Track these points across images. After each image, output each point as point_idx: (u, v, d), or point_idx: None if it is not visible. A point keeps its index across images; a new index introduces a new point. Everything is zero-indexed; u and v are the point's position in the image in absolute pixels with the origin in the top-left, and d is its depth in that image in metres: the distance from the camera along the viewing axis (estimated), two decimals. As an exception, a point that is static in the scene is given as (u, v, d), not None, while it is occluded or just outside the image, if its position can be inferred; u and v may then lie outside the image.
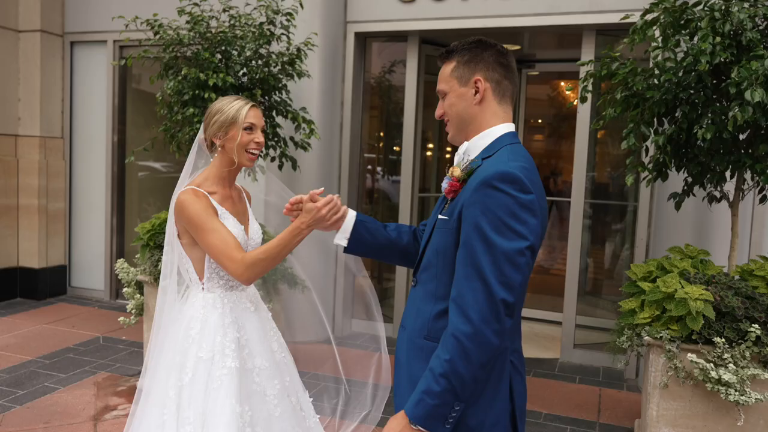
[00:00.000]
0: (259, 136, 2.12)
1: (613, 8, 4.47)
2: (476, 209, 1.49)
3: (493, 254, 1.46)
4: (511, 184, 1.48)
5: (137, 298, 3.95)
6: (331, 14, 5.07)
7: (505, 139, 1.64)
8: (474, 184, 1.52)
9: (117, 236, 6.28)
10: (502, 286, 1.45)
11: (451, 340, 1.47)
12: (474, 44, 1.67)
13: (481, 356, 1.46)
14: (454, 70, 1.68)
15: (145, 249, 3.94)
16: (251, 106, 2.11)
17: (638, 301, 3.08)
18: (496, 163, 1.54)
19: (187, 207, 2.02)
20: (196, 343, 2.02)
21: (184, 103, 3.83)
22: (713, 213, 3.91)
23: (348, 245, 1.94)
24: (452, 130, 1.71)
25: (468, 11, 4.87)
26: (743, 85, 2.52)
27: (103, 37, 6.11)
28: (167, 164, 6.39)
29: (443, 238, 1.61)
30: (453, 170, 1.65)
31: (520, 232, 1.47)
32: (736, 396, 2.70)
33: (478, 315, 1.45)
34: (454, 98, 1.68)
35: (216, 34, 3.86)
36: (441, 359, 1.48)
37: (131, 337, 5.01)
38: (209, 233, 1.99)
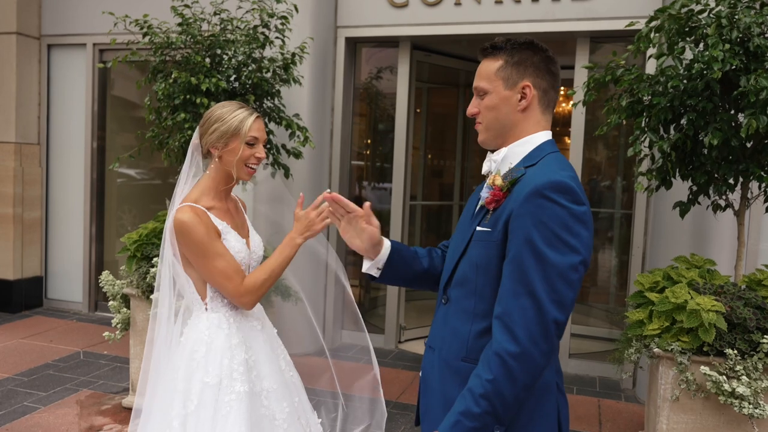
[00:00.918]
0: (260, 150, 2.00)
1: (608, 15, 4.46)
2: (527, 221, 1.39)
3: (545, 270, 1.36)
4: (564, 195, 1.38)
5: (123, 311, 3.78)
6: (321, 19, 4.97)
7: (546, 147, 1.55)
8: (524, 193, 1.41)
9: (96, 245, 6.07)
10: (554, 304, 1.36)
11: (495, 359, 1.38)
12: (525, 45, 1.55)
13: (526, 378, 1.37)
14: (501, 69, 1.55)
15: (132, 260, 3.76)
16: (255, 118, 1.98)
17: (646, 312, 3.02)
18: (544, 172, 1.44)
19: (191, 231, 1.88)
20: (201, 367, 1.89)
21: (174, 108, 3.68)
22: (710, 221, 3.89)
23: (380, 276, 1.79)
24: (487, 133, 1.59)
25: (461, 17, 4.81)
26: (762, 94, 2.48)
27: (82, 40, 5.92)
28: (141, 171, 6.19)
29: (485, 250, 1.50)
30: (494, 178, 1.53)
31: (573, 245, 1.37)
32: (750, 409, 2.65)
33: (527, 334, 1.36)
34: (496, 100, 1.55)
35: (207, 38, 3.72)
36: (482, 379, 1.39)
37: (114, 352, 4.81)
38: (214, 259, 1.89)
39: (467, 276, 1.55)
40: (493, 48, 1.58)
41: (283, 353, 2.15)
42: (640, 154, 3.01)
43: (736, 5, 2.85)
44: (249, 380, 1.92)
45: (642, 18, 3.83)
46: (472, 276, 1.53)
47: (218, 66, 3.80)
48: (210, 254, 1.88)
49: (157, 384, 1.95)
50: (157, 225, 3.91)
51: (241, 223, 2.11)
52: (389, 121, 5.84)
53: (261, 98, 3.87)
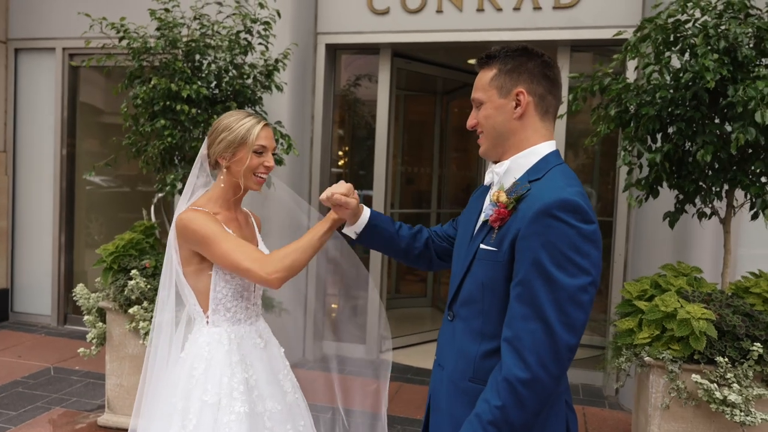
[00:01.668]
0: (269, 159, 1.94)
1: (589, 24, 4.49)
2: (535, 242, 1.35)
3: (554, 292, 1.32)
4: (573, 214, 1.34)
5: (99, 326, 3.63)
6: (301, 25, 4.90)
7: (551, 158, 1.50)
8: (531, 213, 1.37)
9: (65, 256, 5.87)
10: (565, 327, 1.32)
11: (504, 385, 1.34)
12: (518, 52, 1.53)
13: (536, 404, 1.34)
14: (495, 78, 1.53)
15: (108, 273, 3.63)
16: (263, 126, 1.93)
17: (635, 321, 3.02)
18: (552, 189, 1.40)
19: (191, 222, 1.83)
20: (200, 385, 1.80)
21: (153, 115, 3.57)
22: (691, 229, 3.93)
23: (357, 239, 1.90)
24: (486, 143, 1.57)
25: (442, 24, 4.80)
26: (750, 104, 2.50)
27: (52, 44, 5.73)
28: (107, 178, 6.01)
29: (491, 271, 1.46)
30: (498, 195, 1.48)
31: (583, 266, 1.33)
32: (742, 416, 2.66)
33: (537, 359, 1.32)
34: (491, 110, 1.53)
35: (187, 43, 3.62)
36: (490, 405, 1.35)
37: (86, 367, 4.63)
38: (222, 242, 1.79)
39: (473, 295, 1.51)
40: (488, 57, 1.56)
41: (289, 374, 2.06)
42: (630, 165, 3.01)
43: (721, 16, 2.88)
44: (250, 400, 1.84)
45: (622, 27, 3.88)
46: (479, 296, 1.49)
47: (198, 72, 3.70)
48: (219, 238, 1.80)
49: (155, 401, 1.86)
50: (134, 236, 3.79)
51: (249, 236, 2.04)
52: (369, 129, 5.80)
53: (243, 105, 3.78)
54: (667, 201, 3.39)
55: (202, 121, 3.55)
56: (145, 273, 3.54)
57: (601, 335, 5.41)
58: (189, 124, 3.56)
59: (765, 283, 3.00)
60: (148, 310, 3.40)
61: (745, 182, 2.86)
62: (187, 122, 3.54)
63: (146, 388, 1.92)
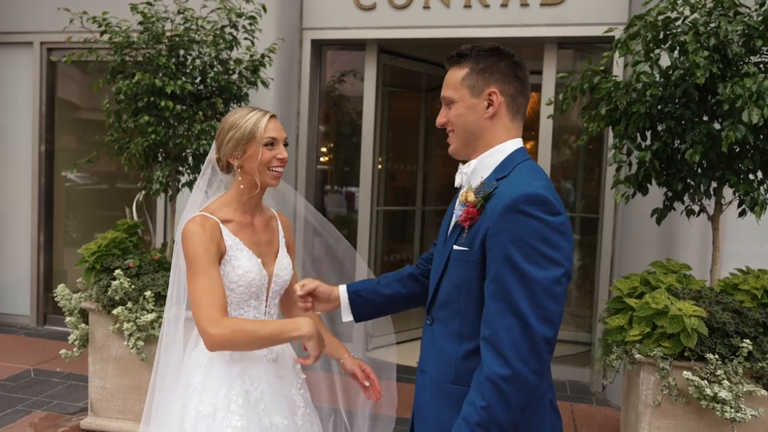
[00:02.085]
0: (281, 150, 1.84)
1: (576, 22, 4.49)
2: (504, 238, 1.36)
3: (527, 287, 1.33)
4: (540, 206, 1.35)
5: (81, 327, 3.55)
6: (286, 20, 4.84)
7: (517, 155, 1.52)
8: (498, 209, 1.38)
9: (45, 254, 5.74)
10: (541, 320, 1.32)
11: (487, 384, 1.33)
12: (490, 52, 1.54)
13: (521, 400, 1.33)
14: (467, 77, 1.53)
15: (91, 273, 3.55)
16: (270, 118, 1.85)
17: (626, 318, 3.03)
18: (517, 184, 1.41)
19: (187, 240, 1.75)
20: (197, 395, 1.74)
21: (136, 111, 3.49)
22: (678, 226, 3.95)
23: (355, 318, 1.87)
24: (456, 142, 1.57)
25: (429, 20, 4.77)
26: (738, 102, 2.50)
27: (29, 38, 5.59)
28: (83, 175, 5.88)
29: (465, 272, 1.47)
30: (466, 195, 1.49)
31: (554, 258, 1.34)
32: (732, 413, 2.67)
33: (516, 355, 1.32)
34: (463, 109, 1.54)
35: (171, 38, 3.54)
36: (476, 406, 1.34)
37: (67, 369, 4.53)
38: (198, 275, 1.71)
39: (450, 297, 1.52)
40: (459, 56, 1.56)
41: (303, 388, 1.97)
42: (621, 163, 3.01)
43: (711, 13, 2.88)
44: (255, 414, 1.76)
45: (609, 25, 3.88)
46: (455, 296, 1.50)
47: (182, 67, 3.62)
48: (197, 269, 1.72)
49: (161, 409, 1.80)
50: (117, 235, 3.71)
51: (266, 241, 1.93)
52: (354, 125, 5.76)
53: (228, 101, 3.71)
54: (654, 198, 3.39)
55: (187, 117, 3.48)
56: (129, 273, 3.46)
57: (586, 331, 5.44)
58: (173, 120, 3.48)
59: (753, 280, 3.02)
60: (132, 311, 3.33)
61: (733, 180, 2.88)
62: (171, 119, 3.46)
63: (155, 395, 1.85)
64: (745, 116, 2.48)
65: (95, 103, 5.54)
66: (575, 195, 5.94)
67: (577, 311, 5.80)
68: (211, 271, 1.74)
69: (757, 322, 2.81)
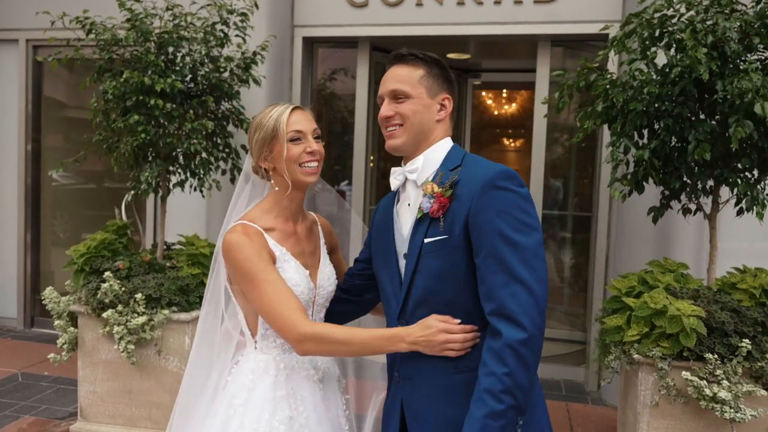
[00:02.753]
0: (311, 143, 1.71)
1: (570, 19, 4.47)
2: (490, 213, 1.46)
3: (520, 253, 1.44)
4: (512, 180, 1.49)
5: (70, 331, 3.47)
6: (277, 17, 4.77)
7: (458, 149, 1.65)
8: (476, 189, 1.49)
9: (32, 255, 5.64)
10: (538, 282, 1.44)
11: (507, 351, 1.40)
12: (438, 61, 1.65)
13: (535, 360, 1.43)
14: (424, 78, 1.62)
15: (80, 275, 3.47)
16: (292, 110, 1.71)
17: (624, 318, 3.00)
18: (482, 167, 1.54)
19: (234, 250, 1.62)
20: (238, 417, 1.63)
21: (125, 110, 3.42)
22: (673, 224, 3.94)
23: None
24: (405, 137, 1.62)
25: (422, 18, 4.72)
26: (747, 96, 2.48)
27: (14, 35, 5.49)
28: (68, 174, 5.77)
29: (447, 259, 1.52)
30: (432, 187, 1.56)
31: (532, 225, 1.48)
32: (732, 413, 2.66)
33: (528, 318, 1.41)
34: (420, 106, 1.61)
35: (160, 35, 3.47)
36: (498, 375, 1.40)
37: (56, 372, 4.45)
38: (261, 284, 1.59)
39: (432, 290, 1.54)
40: (412, 56, 1.64)
41: (348, 410, 1.87)
42: (618, 161, 2.98)
43: (707, 11, 2.86)
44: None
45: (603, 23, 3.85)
46: (438, 288, 1.53)
47: (172, 65, 3.55)
48: (259, 278, 1.59)
49: (194, 425, 1.71)
50: (107, 236, 3.63)
51: (310, 250, 1.81)
52: (346, 123, 5.70)
53: (219, 99, 3.65)
54: (649, 196, 3.37)
55: (177, 116, 3.41)
56: (119, 275, 3.39)
57: (580, 330, 5.43)
58: (163, 119, 3.41)
59: (751, 279, 3.01)
60: (123, 314, 3.26)
61: (733, 178, 2.86)
62: (161, 117, 3.40)
63: (182, 409, 1.77)
64: (758, 109, 2.45)
65: (82, 102, 5.44)
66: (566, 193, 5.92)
67: (571, 310, 5.78)
68: (272, 275, 1.61)
69: (756, 322, 2.80)
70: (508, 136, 8.23)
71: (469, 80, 6.38)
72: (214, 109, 3.67)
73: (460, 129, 6.41)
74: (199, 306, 3.42)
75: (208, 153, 3.53)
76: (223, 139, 3.71)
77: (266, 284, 1.59)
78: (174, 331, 3.38)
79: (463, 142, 6.37)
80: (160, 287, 3.33)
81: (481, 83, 6.80)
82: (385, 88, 1.64)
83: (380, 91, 1.67)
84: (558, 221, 5.88)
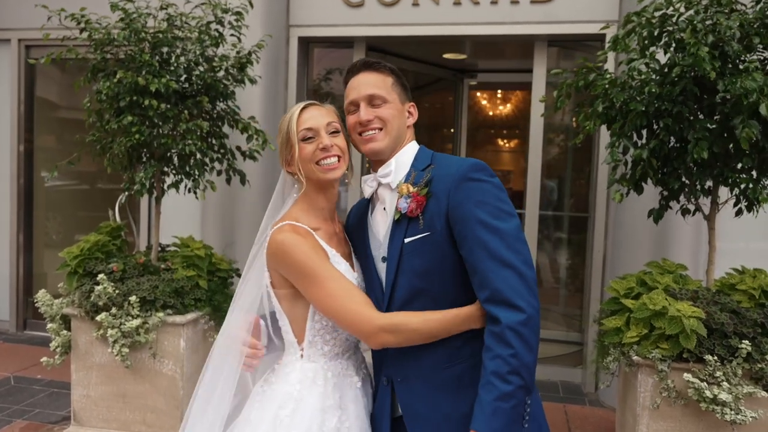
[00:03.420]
0: (323, 139, 1.63)
1: (566, 19, 4.45)
2: (468, 205, 1.51)
3: (504, 239, 1.48)
4: (483, 171, 1.55)
5: (63, 334, 3.43)
6: (272, 17, 4.74)
7: (425, 150, 1.71)
8: (451, 185, 1.53)
9: (24, 257, 5.59)
10: (525, 265, 1.49)
11: (509, 333, 1.43)
12: (398, 72, 1.73)
13: (536, 338, 1.47)
14: (395, 85, 1.70)
15: (73, 277, 3.43)
16: (302, 109, 1.67)
17: (623, 319, 2.98)
18: (454, 163, 1.59)
19: (291, 250, 1.56)
20: (284, 428, 1.57)
21: (119, 111, 3.37)
22: (671, 225, 3.92)
23: None
24: (386, 141, 1.65)
25: (419, 18, 4.70)
26: (752, 97, 2.46)
27: (6, 35, 5.44)
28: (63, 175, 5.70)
29: (430, 256, 1.55)
30: (407, 187, 1.60)
31: (509, 211, 1.53)
32: (732, 415, 2.64)
33: (523, 299, 1.45)
34: (396, 111, 1.67)
35: (154, 34, 3.43)
36: (503, 357, 1.43)
37: (49, 376, 4.40)
38: (325, 282, 1.53)
39: (417, 289, 1.57)
40: (379, 64, 1.70)
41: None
42: (617, 162, 2.96)
43: (707, 10, 2.85)
44: None
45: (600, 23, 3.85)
46: (425, 285, 1.57)
47: (166, 65, 3.51)
48: (321, 276, 1.54)
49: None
50: (100, 238, 3.59)
51: (348, 253, 1.76)
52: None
53: (214, 100, 3.61)
54: (647, 197, 3.36)
55: (172, 116, 3.37)
56: (113, 277, 3.35)
57: (577, 331, 5.41)
58: (158, 119, 3.37)
59: (750, 280, 3.00)
60: (117, 316, 3.22)
61: (733, 177, 2.84)
62: (155, 118, 3.35)
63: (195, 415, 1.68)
64: (763, 110, 2.43)
65: (76, 102, 5.40)
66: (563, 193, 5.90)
67: (568, 311, 5.77)
68: (333, 271, 1.56)
69: (756, 323, 2.78)
70: (504, 137, 8.21)
71: (465, 80, 6.36)
72: (209, 110, 3.64)
73: (456, 129, 6.39)
74: (194, 308, 3.40)
75: (203, 154, 3.49)
76: (218, 140, 3.68)
77: (330, 281, 1.54)
78: (169, 334, 3.33)
79: (458, 142, 6.35)
80: (154, 289, 3.29)
81: (477, 83, 6.78)
82: (360, 93, 1.67)
83: (353, 96, 1.68)
84: (554, 222, 5.87)
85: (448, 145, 6.61)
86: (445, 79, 6.31)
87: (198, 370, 3.48)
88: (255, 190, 4.56)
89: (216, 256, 3.71)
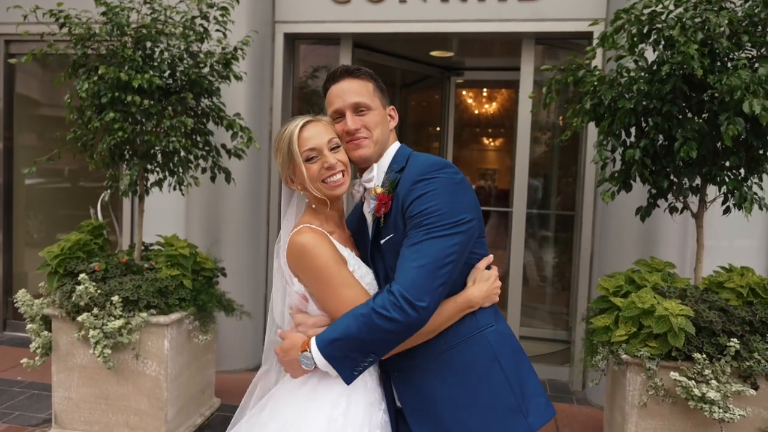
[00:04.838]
0: (326, 158, 1.62)
1: (554, 17, 4.44)
2: (411, 208, 1.55)
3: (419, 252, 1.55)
4: (443, 170, 1.58)
5: (44, 335, 3.35)
6: (258, 13, 4.68)
7: (404, 149, 1.73)
8: (406, 186, 1.57)
9: (4, 256, 5.48)
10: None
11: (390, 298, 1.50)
12: (377, 76, 1.76)
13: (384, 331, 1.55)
14: (376, 90, 1.72)
15: (53, 277, 3.35)
16: (302, 126, 1.64)
17: (611, 318, 2.98)
18: (418, 164, 1.62)
19: (312, 253, 1.56)
20: (338, 427, 1.56)
21: (101, 107, 3.30)
22: (658, 223, 3.93)
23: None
24: (373, 147, 1.68)
25: (406, 14, 4.66)
26: (737, 94, 2.45)
27: (-15, 30, 5.31)
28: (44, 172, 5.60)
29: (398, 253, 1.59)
30: (375, 189, 1.64)
31: (452, 220, 1.55)
32: (720, 413, 2.64)
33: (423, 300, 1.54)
34: (380, 118, 1.70)
35: (137, 29, 3.36)
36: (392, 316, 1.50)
37: (29, 377, 4.31)
38: (340, 289, 1.55)
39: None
40: (359, 70, 1.73)
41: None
42: (605, 160, 2.95)
43: (696, 7, 2.84)
44: None
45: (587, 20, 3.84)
46: None
47: (149, 60, 3.45)
48: (334, 281, 1.55)
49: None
50: (81, 237, 3.52)
51: (362, 257, 1.79)
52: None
53: (199, 96, 3.55)
54: (634, 195, 3.35)
55: (156, 113, 3.31)
56: (95, 277, 3.28)
57: (564, 329, 5.42)
58: (141, 116, 3.30)
59: (738, 278, 3.00)
60: (99, 317, 3.15)
61: (720, 176, 2.84)
62: (138, 114, 3.29)
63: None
64: (747, 107, 2.43)
65: (56, 99, 5.30)
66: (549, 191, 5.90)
67: (554, 309, 5.77)
68: (350, 278, 1.58)
69: (744, 321, 2.79)
70: (490, 135, 8.21)
71: (452, 78, 6.33)
72: (193, 106, 3.57)
73: (443, 127, 6.37)
74: (178, 308, 3.34)
75: (188, 151, 3.43)
76: (202, 137, 3.62)
77: (345, 289, 1.56)
78: (152, 335, 3.27)
79: (445, 140, 6.33)
80: (137, 289, 3.22)
81: (463, 81, 6.76)
82: (344, 101, 1.66)
83: (338, 105, 1.68)
84: (539, 220, 5.87)
85: (434, 144, 6.59)
86: (431, 77, 6.29)
87: (182, 371, 3.43)
88: (240, 189, 4.50)
89: (201, 255, 3.65)
